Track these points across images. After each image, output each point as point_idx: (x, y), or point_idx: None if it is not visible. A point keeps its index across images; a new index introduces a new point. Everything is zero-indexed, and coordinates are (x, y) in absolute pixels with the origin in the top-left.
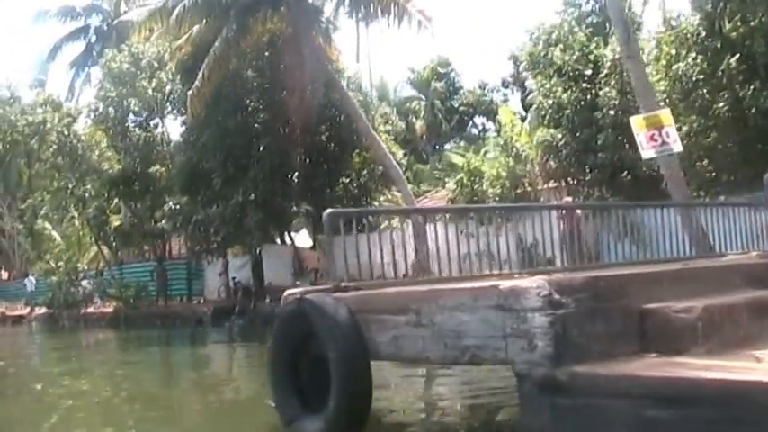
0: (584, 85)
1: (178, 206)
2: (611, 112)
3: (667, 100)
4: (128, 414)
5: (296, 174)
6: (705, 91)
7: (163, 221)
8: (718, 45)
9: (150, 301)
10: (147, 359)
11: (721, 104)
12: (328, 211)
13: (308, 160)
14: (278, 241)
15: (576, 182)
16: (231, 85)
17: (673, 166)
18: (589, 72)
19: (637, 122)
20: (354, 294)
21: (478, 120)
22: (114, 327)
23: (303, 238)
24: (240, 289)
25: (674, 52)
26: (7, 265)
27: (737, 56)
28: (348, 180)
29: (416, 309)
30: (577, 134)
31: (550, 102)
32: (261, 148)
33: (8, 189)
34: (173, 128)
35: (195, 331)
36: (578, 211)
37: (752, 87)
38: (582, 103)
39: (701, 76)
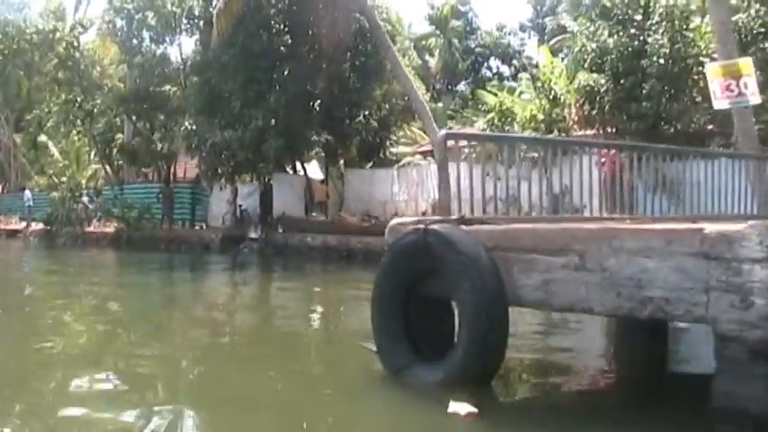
0: (633, 30)
1: (194, 126)
2: (661, 61)
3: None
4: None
5: (317, 102)
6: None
7: (172, 142)
8: None
9: (154, 224)
10: (180, 284)
11: None
12: (444, 131)
13: (330, 89)
14: (289, 171)
15: (614, 131)
16: (256, 3)
17: (747, 118)
18: (639, 17)
19: (713, 70)
20: (493, 229)
21: (493, 62)
22: (116, 248)
23: (312, 170)
24: (247, 217)
25: (733, 1)
26: (1, 178)
27: None
28: (368, 112)
29: (581, 250)
30: (621, 81)
31: (593, 45)
32: (285, 72)
33: (7, 101)
34: (187, 46)
35: (203, 257)
36: (621, 156)
37: None
38: (629, 49)
39: (762, 30)
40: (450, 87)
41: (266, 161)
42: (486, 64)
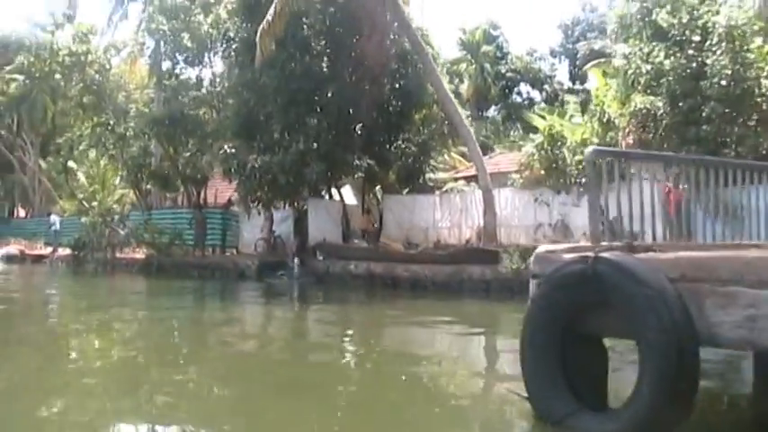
0: (690, 51)
1: (234, 150)
2: (722, 82)
3: None
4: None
5: (358, 125)
6: None
7: (203, 166)
8: None
9: (185, 250)
10: (219, 314)
11: None
12: (592, 147)
13: (371, 112)
14: (325, 196)
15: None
16: (297, 25)
17: None
18: (697, 38)
19: None
20: (678, 257)
21: (524, 87)
22: (146, 274)
23: (347, 195)
24: (281, 243)
25: None
26: (25, 202)
27: None
28: (408, 137)
29: None
30: (679, 104)
31: (648, 67)
32: (328, 95)
33: (32, 125)
34: (219, 68)
35: (238, 285)
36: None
37: None
38: (687, 70)
39: None
40: (481, 113)
41: (306, 185)
42: (516, 89)
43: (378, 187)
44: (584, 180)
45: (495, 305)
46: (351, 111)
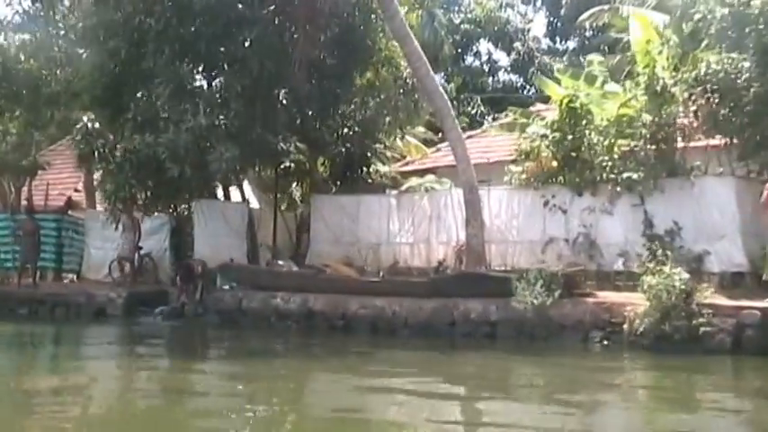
0: None
1: (96, 124)
2: None
3: None
4: None
5: (283, 91)
6: None
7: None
8: None
9: (1, 276)
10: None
11: None
12: None
13: (305, 74)
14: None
15: (758, 139)
16: None
17: None
18: None
19: None
20: None
21: (484, 45)
22: None
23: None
24: (151, 266)
25: None
26: None
27: None
28: (347, 110)
29: None
30: None
31: (725, 11)
32: (245, 43)
33: None
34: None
35: (98, 329)
36: None
37: None
38: None
39: None
40: None
41: (203, 181)
42: (472, 48)
43: (295, 184)
44: (625, 175)
45: (511, 359)
46: (273, 70)
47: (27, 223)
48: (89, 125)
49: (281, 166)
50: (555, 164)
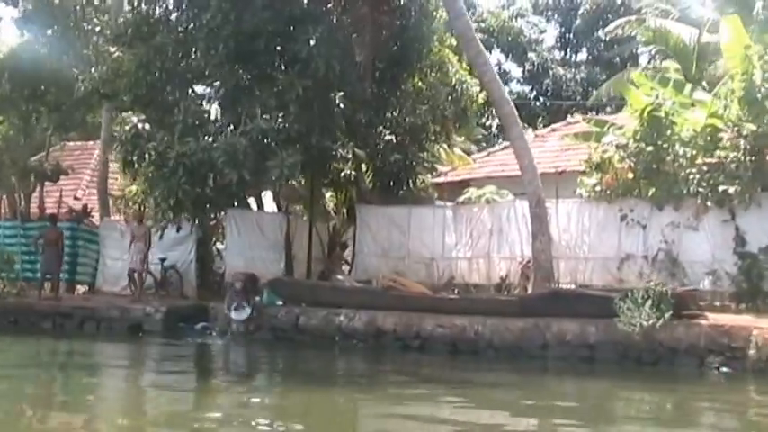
0: None
1: (142, 126)
2: None
3: None
4: None
5: (340, 94)
6: None
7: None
8: None
9: (19, 288)
10: None
11: None
12: None
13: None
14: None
15: None
16: None
17: None
18: None
19: None
20: None
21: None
22: None
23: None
24: (176, 279)
25: None
26: None
27: None
28: (396, 114)
29: None
30: None
31: None
32: (311, 41)
33: None
34: None
35: (138, 346)
36: None
37: None
38: None
39: None
40: None
41: (257, 188)
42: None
43: (330, 194)
44: (721, 189)
45: (619, 386)
46: (338, 70)
47: (50, 231)
48: (139, 126)
49: (347, 174)
50: (631, 175)
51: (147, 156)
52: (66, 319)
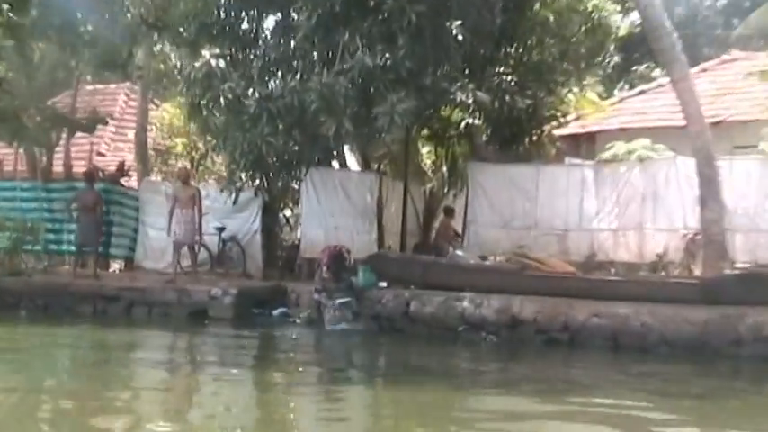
0: None
1: (215, 63)
2: None
3: None
4: None
5: (456, 26)
6: None
7: None
8: None
9: (49, 261)
10: None
11: None
12: None
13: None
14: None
15: None
16: None
17: None
18: None
19: None
20: None
21: None
22: None
23: None
24: (238, 253)
25: None
26: None
27: None
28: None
29: None
30: None
31: None
32: None
33: None
34: None
35: (209, 337)
36: None
37: None
38: None
39: None
40: None
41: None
42: None
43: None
44: None
45: None
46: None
47: (86, 194)
48: (212, 62)
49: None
50: None
51: (221, 99)
52: (111, 302)
